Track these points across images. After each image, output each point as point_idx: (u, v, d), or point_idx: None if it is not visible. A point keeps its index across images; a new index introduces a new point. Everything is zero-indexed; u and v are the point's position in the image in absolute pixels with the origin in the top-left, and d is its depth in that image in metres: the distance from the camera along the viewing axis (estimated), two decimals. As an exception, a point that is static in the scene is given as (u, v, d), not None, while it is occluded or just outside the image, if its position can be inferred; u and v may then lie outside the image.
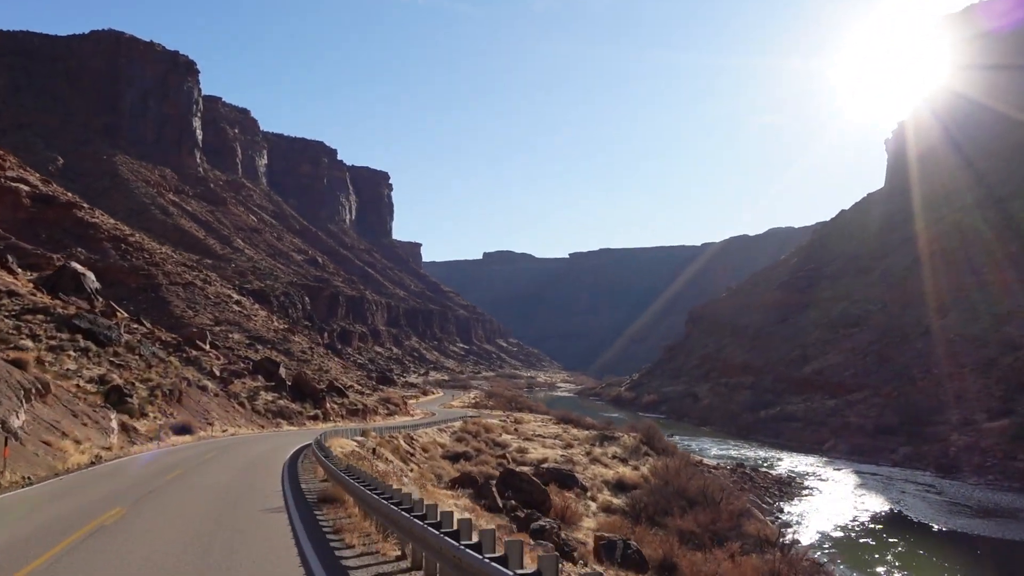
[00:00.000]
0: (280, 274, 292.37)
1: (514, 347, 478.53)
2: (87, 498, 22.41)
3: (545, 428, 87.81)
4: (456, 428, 73.13)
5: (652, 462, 76.82)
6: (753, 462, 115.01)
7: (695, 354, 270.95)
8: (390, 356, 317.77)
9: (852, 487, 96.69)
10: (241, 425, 57.26)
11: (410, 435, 62.36)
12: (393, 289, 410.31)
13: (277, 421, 64.19)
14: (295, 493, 25.49)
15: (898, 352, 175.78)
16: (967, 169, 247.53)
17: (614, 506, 55.61)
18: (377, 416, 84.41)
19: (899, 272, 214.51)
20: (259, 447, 45.82)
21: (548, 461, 64.64)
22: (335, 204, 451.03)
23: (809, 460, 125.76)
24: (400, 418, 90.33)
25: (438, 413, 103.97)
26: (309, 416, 70.22)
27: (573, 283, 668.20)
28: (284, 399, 69.66)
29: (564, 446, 73.76)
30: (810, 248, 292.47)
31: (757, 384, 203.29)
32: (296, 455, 40.87)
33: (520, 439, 73.98)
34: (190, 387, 52.89)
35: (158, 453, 39.12)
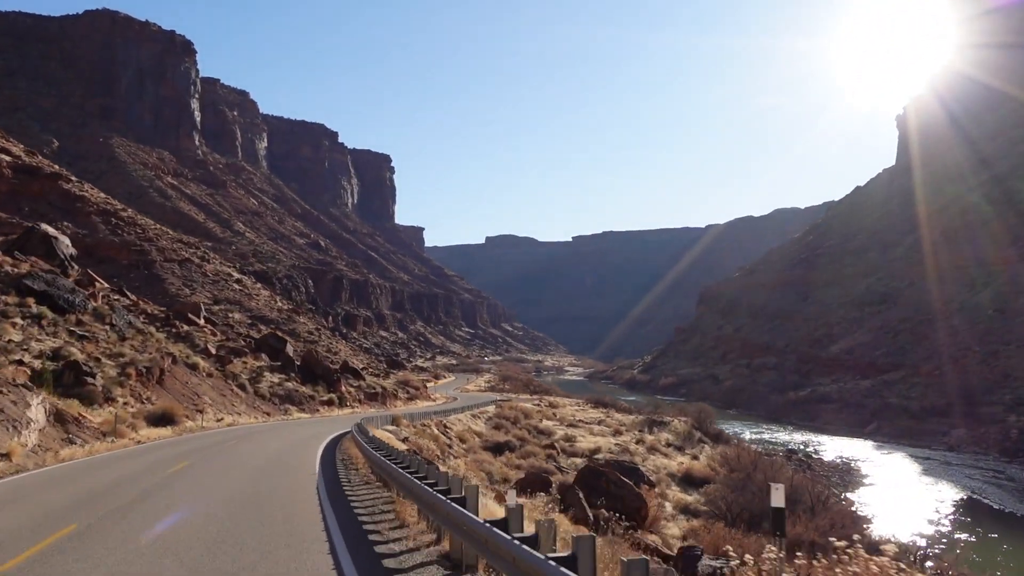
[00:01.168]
0: (282, 257, 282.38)
1: (519, 331, 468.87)
2: None
3: (584, 413, 78.26)
4: (490, 414, 63.58)
5: (709, 450, 67.18)
6: (795, 447, 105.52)
7: (710, 335, 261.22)
8: (395, 341, 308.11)
9: (916, 474, 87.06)
10: (241, 412, 47.73)
11: (442, 422, 52.68)
12: (397, 273, 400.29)
13: (285, 407, 54.43)
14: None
15: (932, 330, 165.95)
16: (969, 147, 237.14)
17: (690, 505, 45.85)
18: (397, 401, 74.82)
19: (925, 247, 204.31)
20: (265, 446, 33.49)
21: (601, 451, 54.97)
22: (337, 188, 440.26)
23: (855, 444, 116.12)
24: (422, 403, 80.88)
25: (460, 397, 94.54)
26: (322, 401, 60.50)
27: (577, 266, 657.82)
28: (293, 381, 59.85)
29: (612, 433, 63.96)
30: (825, 225, 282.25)
31: (781, 364, 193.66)
32: (330, 462, 28.31)
33: (563, 425, 64.42)
34: (176, 365, 42.37)
35: (98, 461, 26.08)
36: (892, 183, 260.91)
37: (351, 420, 53.72)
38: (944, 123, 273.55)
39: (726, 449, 63.08)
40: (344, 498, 18.65)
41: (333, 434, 38.95)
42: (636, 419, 74.27)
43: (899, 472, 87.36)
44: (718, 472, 54.99)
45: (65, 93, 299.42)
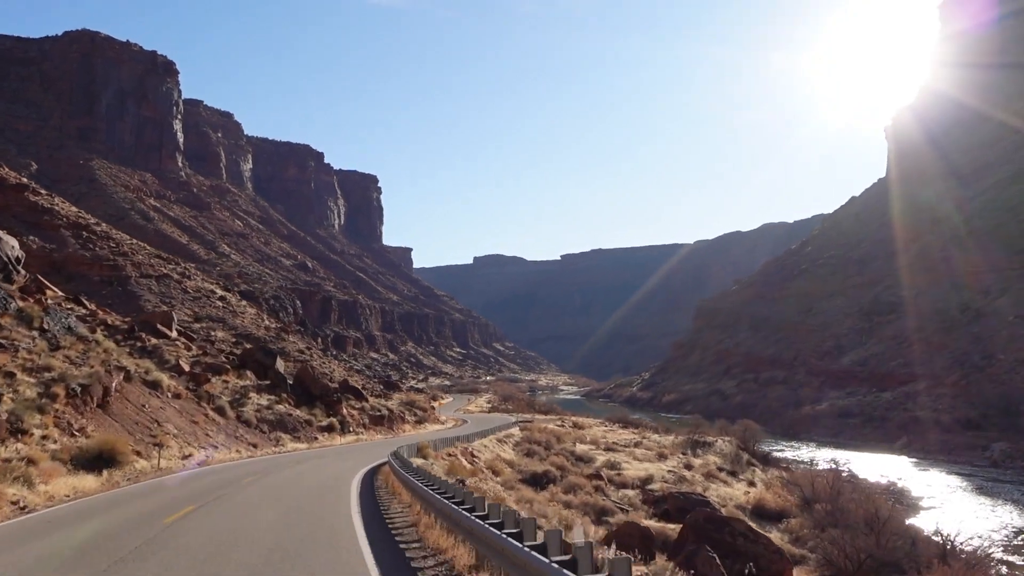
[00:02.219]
0: (269, 279, 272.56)
1: (511, 350, 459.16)
2: None
3: (615, 434, 69.31)
4: (518, 438, 54.60)
5: (761, 473, 58.13)
6: (830, 465, 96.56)
7: (710, 350, 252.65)
8: (386, 362, 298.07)
9: (969, 493, 78.15)
10: (218, 444, 38.35)
11: (468, 449, 43.56)
12: (386, 294, 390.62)
13: (276, 435, 44.84)
14: None
15: (950, 338, 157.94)
16: (963, 156, 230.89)
17: (782, 549, 36.31)
18: (405, 424, 65.51)
19: (934, 254, 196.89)
20: (250, 523, 17.94)
21: (654, 480, 46.02)
22: (323, 208, 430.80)
23: (889, 461, 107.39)
24: (432, 426, 71.81)
25: (470, 419, 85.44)
26: (321, 427, 51.04)
27: (566, 285, 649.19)
28: (285, 403, 50.40)
29: (656, 456, 54.85)
30: (823, 236, 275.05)
31: (790, 378, 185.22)
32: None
33: (599, 449, 55.33)
34: (129, 383, 32.64)
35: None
36: (890, 191, 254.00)
37: (362, 451, 44.85)
38: (925, 134, 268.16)
39: (788, 474, 53.99)
40: None
41: (355, 479, 29.33)
42: (676, 440, 65.44)
43: (951, 492, 78.38)
44: (791, 502, 45.80)
45: (44, 115, 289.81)
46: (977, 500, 73.65)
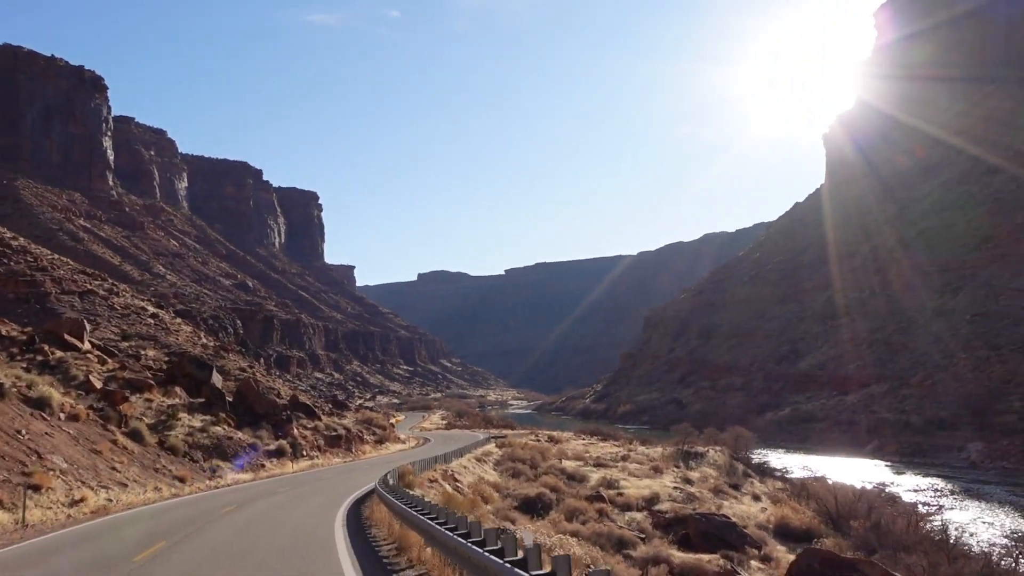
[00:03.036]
0: (207, 299, 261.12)
1: (458, 366, 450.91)
2: None
3: (597, 447, 62.91)
4: (497, 456, 47.92)
5: (759, 485, 52.13)
6: (807, 472, 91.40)
7: (661, 359, 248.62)
8: (332, 382, 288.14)
9: (965, 498, 73.27)
10: (128, 480, 29.71)
11: (448, 472, 36.73)
12: (329, 312, 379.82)
13: (213, 464, 36.86)
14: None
15: (910, 339, 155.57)
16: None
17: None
18: (365, 445, 58.02)
19: (884, 256, 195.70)
20: None
21: (660, 499, 39.59)
22: (263, 227, 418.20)
23: (864, 466, 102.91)
24: (393, 446, 64.60)
25: (433, 438, 78.31)
26: (269, 451, 43.43)
27: (511, 299, 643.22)
28: (223, 424, 42.80)
29: (651, 471, 48.51)
30: (770, 242, 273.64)
31: (748, 384, 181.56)
32: None
33: (589, 465, 48.79)
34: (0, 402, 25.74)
35: None
36: (836, 196, 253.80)
37: (325, 482, 37.77)
38: (855, 144, 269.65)
39: (789, 485, 48.06)
40: None
41: (336, 533, 20.76)
42: (665, 452, 59.34)
43: (950, 499, 73.46)
44: (815, 519, 39.72)
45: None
46: (978, 505, 68.85)
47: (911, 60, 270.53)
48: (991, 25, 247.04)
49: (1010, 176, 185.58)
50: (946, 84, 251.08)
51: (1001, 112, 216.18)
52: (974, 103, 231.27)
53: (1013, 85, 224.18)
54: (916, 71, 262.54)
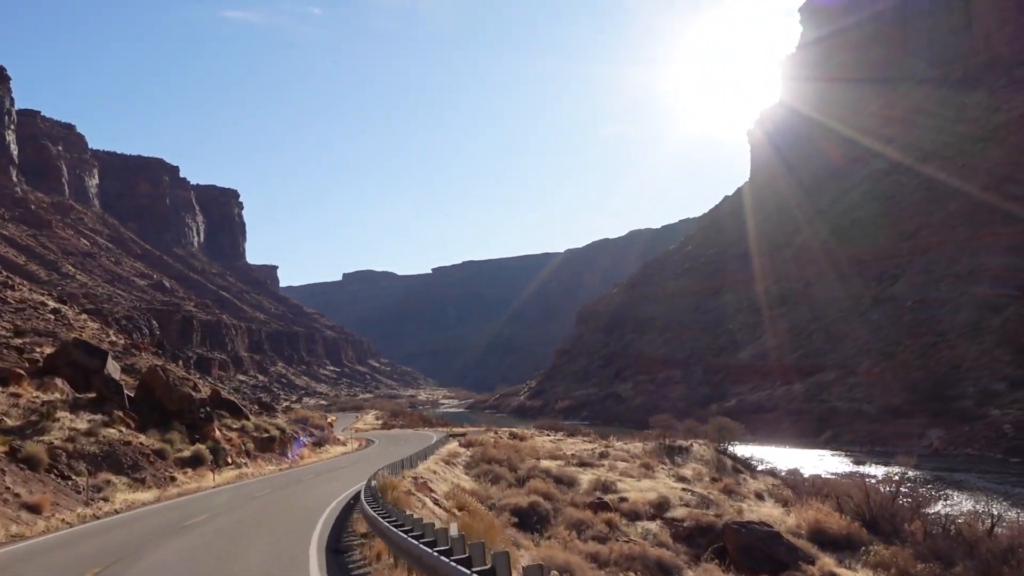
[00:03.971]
0: (121, 299, 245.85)
1: (387, 367, 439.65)
2: None
3: (569, 444, 55.84)
4: (466, 457, 40.42)
5: (755, 482, 45.73)
6: (768, 466, 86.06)
7: (597, 354, 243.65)
8: (256, 384, 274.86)
9: (951, 488, 68.43)
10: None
11: (418, 479, 29.13)
12: (252, 313, 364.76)
13: (102, 480, 27.56)
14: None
15: (851, 327, 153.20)
16: (847, 145, 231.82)
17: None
18: (304, 448, 49.67)
19: (817, 246, 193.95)
20: None
21: (671, 504, 32.51)
22: (181, 226, 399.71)
23: (824, 456, 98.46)
24: (335, 449, 56.32)
25: (378, 439, 70.13)
26: (182, 459, 34.73)
27: (439, 298, 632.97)
28: (119, 425, 33.71)
29: (641, 469, 41.64)
30: (701, 236, 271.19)
31: (688, 377, 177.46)
32: None
33: (573, 465, 41.60)
34: None
35: None
36: (766, 187, 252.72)
37: (257, 501, 29.20)
38: (778, 137, 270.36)
39: (798, 483, 41.74)
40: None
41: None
42: (647, 447, 52.65)
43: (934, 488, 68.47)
44: (852, 524, 33.15)
45: None
46: (969, 496, 63.93)
47: (831, 60, 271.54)
48: (911, 24, 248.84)
49: (938, 167, 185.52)
50: (864, 84, 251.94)
51: (917, 112, 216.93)
52: (890, 103, 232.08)
53: (931, 85, 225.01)
54: (835, 72, 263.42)
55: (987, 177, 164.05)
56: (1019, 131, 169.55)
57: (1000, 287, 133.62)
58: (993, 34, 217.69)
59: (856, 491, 35.85)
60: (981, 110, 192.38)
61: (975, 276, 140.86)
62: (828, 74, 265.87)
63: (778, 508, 36.93)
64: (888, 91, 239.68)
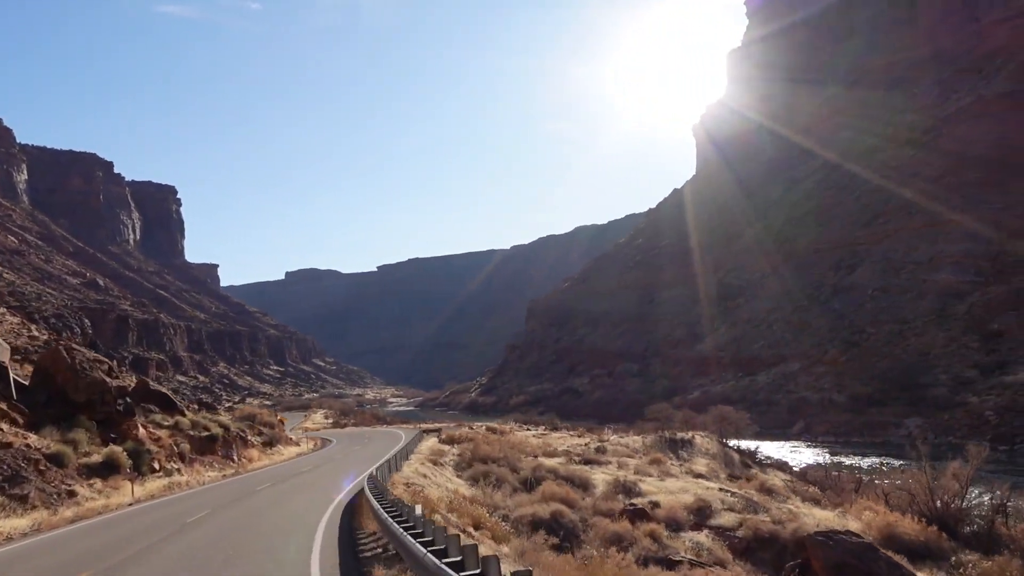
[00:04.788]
0: (50, 298, 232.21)
1: (332, 366, 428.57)
2: None
3: (558, 439, 49.55)
4: (454, 455, 33.94)
5: (769, 477, 40.06)
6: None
7: (549, 348, 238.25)
8: (196, 385, 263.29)
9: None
10: None
11: (409, 485, 22.55)
12: (192, 312, 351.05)
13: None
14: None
15: (812, 316, 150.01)
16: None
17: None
18: (251, 449, 41.63)
19: (773, 236, 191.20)
20: None
21: (712, 509, 26.38)
22: (115, 223, 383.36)
23: (797, 448, 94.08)
24: (289, 450, 48.99)
25: (336, 439, 63.03)
26: (89, 466, 27.29)
27: (384, 296, 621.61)
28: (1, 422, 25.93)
29: (652, 464, 35.63)
30: (652, 228, 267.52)
31: (646, 370, 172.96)
32: None
33: (576, 463, 35.34)
34: None
35: None
36: (718, 178, 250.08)
37: (186, 533, 20.17)
38: (728, 128, 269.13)
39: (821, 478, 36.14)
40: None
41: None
42: (645, 441, 46.73)
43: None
44: (926, 529, 27.38)
45: None
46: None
47: (775, 57, 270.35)
48: (855, 17, 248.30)
49: (890, 156, 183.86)
50: (806, 84, 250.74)
51: (864, 105, 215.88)
52: (835, 95, 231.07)
53: (864, 88, 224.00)
54: (778, 72, 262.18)
55: (938, 167, 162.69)
56: (969, 120, 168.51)
57: (961, 274, 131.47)
58: (937, 26, 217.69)
59: (918, 488, 30.29)
60: (930, 99, 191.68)
61: (935, 263, 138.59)
62: (772, 74, 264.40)
63: (826, 510, 31.29)
64: (832, 87, 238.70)
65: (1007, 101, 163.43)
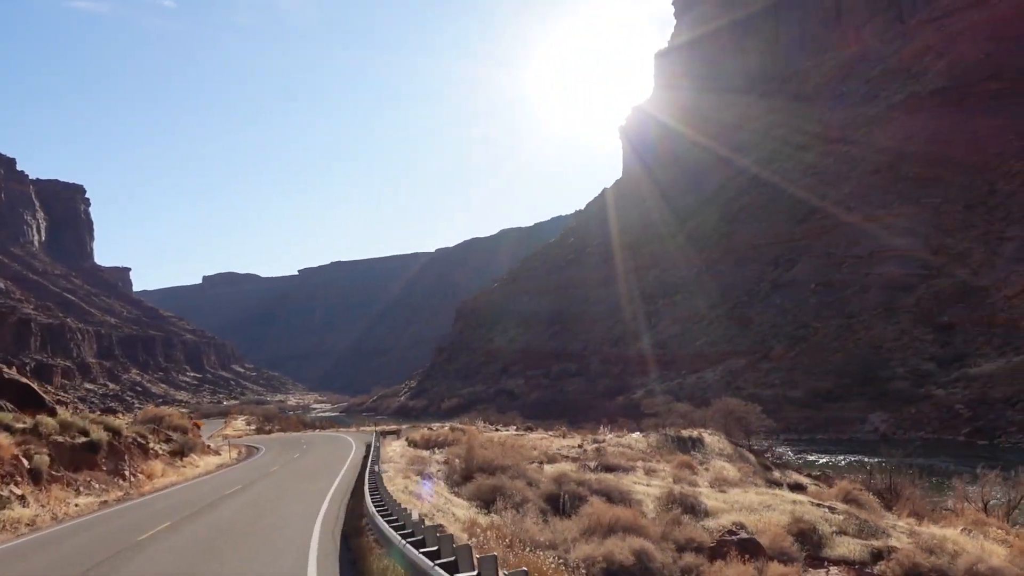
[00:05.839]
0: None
1: (252, 372, 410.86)
2: None
3: (535, 440, 41.32)
4: (438, 463, 25.43)
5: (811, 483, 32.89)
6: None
7: (479, 350, 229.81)
8: (106, 392, 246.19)
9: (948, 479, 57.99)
10: None
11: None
12: (102, 317, 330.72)
13: None
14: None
15: (753, 312, 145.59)
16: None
17: None
18: (150, 461, 31.38)
19: (707, 233, 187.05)
20: None
21: (824, 535, 18.50)
22: (18, 223, 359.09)
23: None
24: (205, 460, 39.17)
25: (265, 446, 53.54)
26: None
27: (306, 300, 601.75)
28: None
29: (682, 469, 27.60)
30: (582, 228, 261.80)
31: (585, 370, 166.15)
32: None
33: (594, 470, 27.11)
34: None
35: None
36: (647, 177, 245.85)
37: None
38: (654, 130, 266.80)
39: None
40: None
41: None
42: (651, 441, 39.01)
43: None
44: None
45: None
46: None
47: (699, 62, 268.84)
48: (783, 17, 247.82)
49: (821, 153, 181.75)
50: (731, 84, 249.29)
51: (795, 99, 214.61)
52: (752, 101, 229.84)
53: (793, 87, 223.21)
54: (701, 82, 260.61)
55: (873, 163, 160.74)
56: (903, 117, 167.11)
57: (906, 267, 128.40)
58: (863, 27, 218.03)
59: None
60: (859, 98, 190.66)
61: (877, 257, 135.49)
62: (695, 84, 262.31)
63: (949, 528, 23.95)
64: (761, 86, 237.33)
65: (939, 98, 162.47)
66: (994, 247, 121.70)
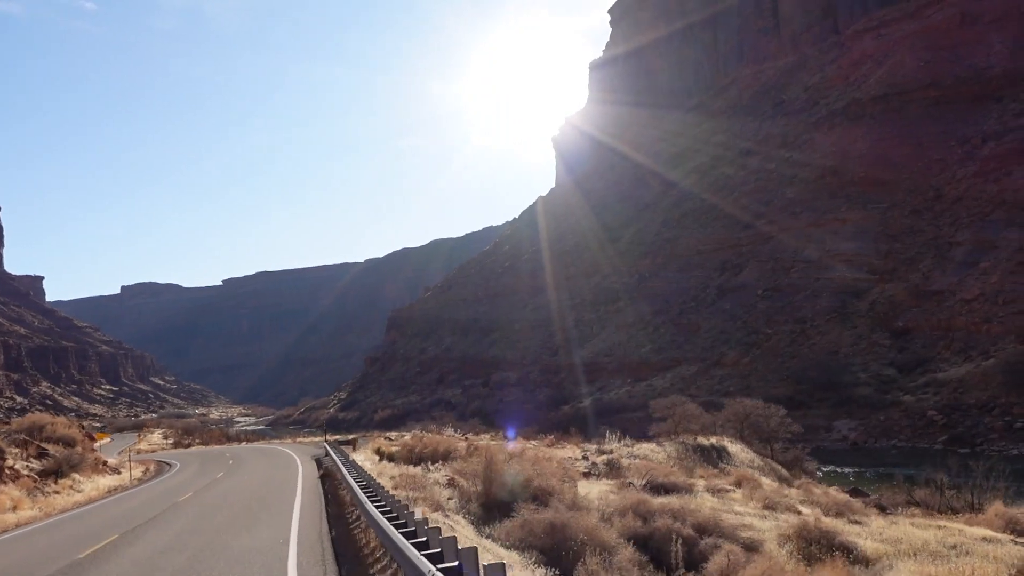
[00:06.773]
0: None
1: (172, 384, 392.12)
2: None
3: (538, 450, 33.94)
4: (442, 483, 17.95)
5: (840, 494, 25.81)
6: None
7: (413, 360, 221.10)
8: (12, 407, 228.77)
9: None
10: None
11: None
12: (11, 327, 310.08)
13: None
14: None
15: (701, 318, 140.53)
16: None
17: None
18: (7, 485, 23.32)
19: (651, 238, 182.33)
20: None
21: None
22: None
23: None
24: (95, 483, 30.43)
25: (177, 461, 44.84)
26: None
27: (230, 311, 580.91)
28: None
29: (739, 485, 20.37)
30: (517, 235, 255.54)
31: (525, 379, 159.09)
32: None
33: (638, 488, 19.71)
34: None
35: None
36: (578, 188, 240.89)
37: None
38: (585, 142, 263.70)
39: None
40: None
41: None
42: (668, 450, 31.85)
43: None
44: None
45: None
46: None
47: (631, 74, 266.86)
48: (720, 26, 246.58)
49: (763, 158, 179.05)
50: (657, 104, 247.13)
51: (734, 107, 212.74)
52: (692, 107, 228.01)
53: (732, 95, 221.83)
54: (630, 94, 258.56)
55: (818, 168, 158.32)
56: (845, 124, 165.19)
57: (855, 272, 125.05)
58: (800, 37, 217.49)
59: None
60: (799, 105, 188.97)
61: (825, 262, 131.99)
62: (630, 95, 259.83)
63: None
64: (698, 95, 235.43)
65: (880, 104, 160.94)
66: (944, 251, 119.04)
